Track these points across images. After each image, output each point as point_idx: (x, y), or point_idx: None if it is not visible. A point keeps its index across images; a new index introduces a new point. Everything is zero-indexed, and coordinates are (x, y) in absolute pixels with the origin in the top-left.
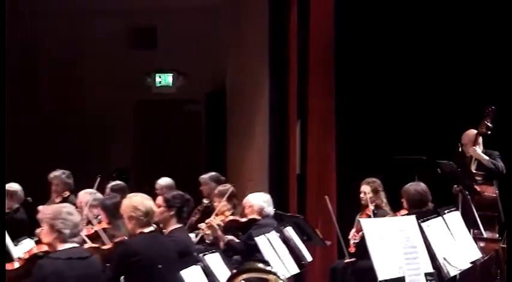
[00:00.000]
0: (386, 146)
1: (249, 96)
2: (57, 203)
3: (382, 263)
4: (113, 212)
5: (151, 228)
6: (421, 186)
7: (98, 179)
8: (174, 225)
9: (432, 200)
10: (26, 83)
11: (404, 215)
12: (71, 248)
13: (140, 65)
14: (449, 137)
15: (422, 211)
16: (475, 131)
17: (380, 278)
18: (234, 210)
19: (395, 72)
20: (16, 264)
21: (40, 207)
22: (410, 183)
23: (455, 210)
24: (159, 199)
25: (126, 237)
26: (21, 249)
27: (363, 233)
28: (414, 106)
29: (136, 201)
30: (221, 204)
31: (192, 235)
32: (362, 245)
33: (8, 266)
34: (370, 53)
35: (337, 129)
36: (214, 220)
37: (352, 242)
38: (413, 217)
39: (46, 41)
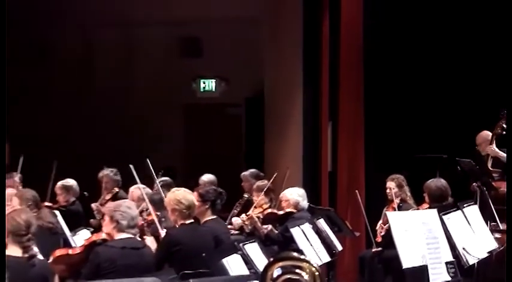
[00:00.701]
0: (410, 145)
1: (285, 101)
2: (107, 200)
3: (406, 252)
4: (159, 205)
5: (191, 220)
6: (442, 182)
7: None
8: (208, 217)
9: (452, 194)
10: (84, 89)
11: (426, 208)
12: (126, 238)
13: (186, 71)
14: (468, 136)
15: (443, 205)
16: (488, 132)
17: (404, 266)
18: (271, 203)
19: (418, 79)
20: (77, 250)
21: (93, 205)
22: (431, 180)
23: (473, 204)
24: (194, 195)
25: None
26: (79, 239)
27: (389, 225)
28: (436, 109)
29: (180, 195)
30: (259, 198)
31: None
32: (388, 235)
33: (70, 251)
34: (395, 60)
35: (366, 130)
36: (254, 211)
37: (379, 232)
38: (435, 210)
39: (103, 50)
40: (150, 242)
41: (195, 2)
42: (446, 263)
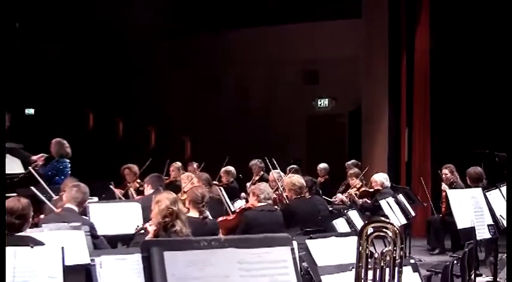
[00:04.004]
0: (464, 143)
1: (376, 113)
2: (256, 180)
3: (460, 217)
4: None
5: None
6: (478, 169)
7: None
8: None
9: (491, 179)
10: (241, 107)
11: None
12: (264, 205)
13: (308, 93)
14: (505, 137)
15: (480, 186)
16: None
17: (459, 227)
18: (363, 183)
19: (468, 95)
20: (231, 216)
21: (248, 184)
22: (471, 167)
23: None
24: None
25: None
26: (236, 206)
27: (448, 200)
28: (481, 117)
29: (294, 179)
30: (356, 180)
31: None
32: (447, 206)
33: (228, 217)
34: (452, 85)
35: (431, 133)
36: (352, 190)
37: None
38: (479, 188)
39: (253, 80)
40: None
41: (314, 47)
42: (488, 225)
